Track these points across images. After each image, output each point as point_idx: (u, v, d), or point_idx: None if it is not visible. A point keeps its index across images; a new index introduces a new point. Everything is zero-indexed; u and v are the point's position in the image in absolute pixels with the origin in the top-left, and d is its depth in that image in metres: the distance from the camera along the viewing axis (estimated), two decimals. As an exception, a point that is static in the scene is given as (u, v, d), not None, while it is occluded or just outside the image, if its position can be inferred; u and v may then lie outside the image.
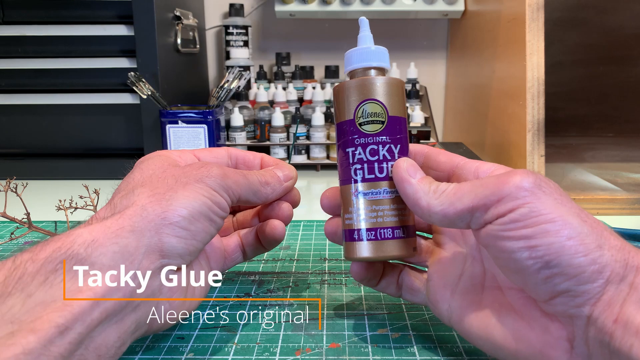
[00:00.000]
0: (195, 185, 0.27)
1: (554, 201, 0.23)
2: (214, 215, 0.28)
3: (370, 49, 0.34)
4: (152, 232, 0.25)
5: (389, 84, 0.31)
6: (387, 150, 0.30)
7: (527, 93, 0.60)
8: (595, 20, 0.90)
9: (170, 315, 0.27)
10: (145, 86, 0.69)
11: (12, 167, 0.76)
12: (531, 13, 0.60)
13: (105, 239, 0.24)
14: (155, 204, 0.26)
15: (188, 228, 0.26)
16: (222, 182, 0.29)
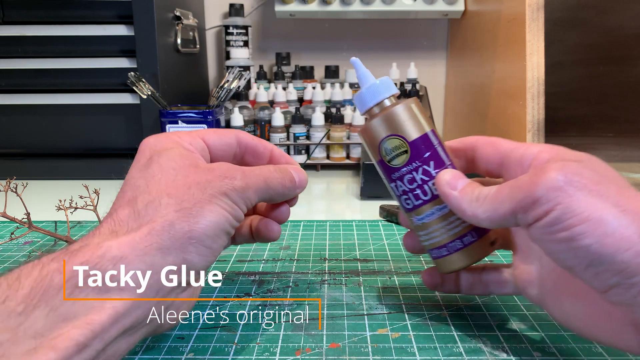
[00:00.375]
0: (220, 199, 0.27)
1: (588, 195, 0.23)
2: (232, 228, 0.28)
3: (369, 88, 0.33)
4: (178, 251, 0.25)
5: (397, 113, 0.31)
6: (423, 173, 0.31)
7: (527, 93, 0.60)
8: (595, 20, 0.90)
9: (171, 316, 0.27)
10: (145, 86, 0.69)
11: (12, 167, 0.76)
12: (531, 13, 0.60)
13: (134, 256, 0.24)
14: (182, 220, 0.25)
15: (210, 246, 0.26)
16: (244, 194, 0.28)
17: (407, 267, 0.42)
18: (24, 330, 0.20)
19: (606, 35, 0.91)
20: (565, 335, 0.31)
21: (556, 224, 0.23)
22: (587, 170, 0.24)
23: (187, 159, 0.29)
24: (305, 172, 0.35)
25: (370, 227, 0.53)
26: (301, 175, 0.34)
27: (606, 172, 0.25)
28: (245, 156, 0.34)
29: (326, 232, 0.51)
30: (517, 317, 0.34)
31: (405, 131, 0.31)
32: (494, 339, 0.31)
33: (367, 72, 0.34)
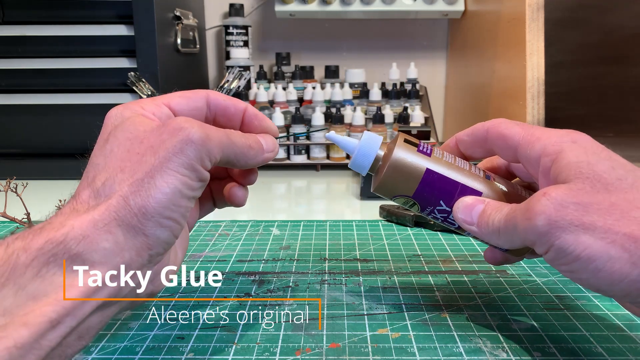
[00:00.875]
0: (173, 161, 0.25)
1: (574, 232, 0.24)
2: (194, 191, 0.26)
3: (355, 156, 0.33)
4: (138, 228, 0.24)
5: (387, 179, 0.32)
6: (439, 212, 0.32)
7: (527, 93, 0.60)
8: (595, 20, 0.90)
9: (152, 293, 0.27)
10: (145, 86, 0.69)
11: (12, 167, 0.76)
12: (531, 13, 0.60)
13: (96, 235, 0.23)
14: (135, 194, 0.24)
15: (170, 216, 0.25)
16: (203, 148, 0.26)
17: (407, 267, 0.42)
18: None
19: (606, 35, 0.91)
20: (565, 335, 0.31)
21: (556, 260, 0.25)
22: (572, 199, 0.24)
23: (145, 125, 0.27)
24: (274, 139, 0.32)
25: (370, 227, 0.53)
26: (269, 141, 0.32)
27: (599, 179, 0.25)
28: (217, 118, 0.32)
29: (326, 232, 0.51)
30: (517, 317, 0.34)
31: (403, 190, 0.32)
32: (494, 339, 0.31)
33: (345, 140, 0.34)
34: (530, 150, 0.28)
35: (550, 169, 0.27)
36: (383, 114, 0.83)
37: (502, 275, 0.41)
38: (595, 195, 0.24)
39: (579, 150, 0.26)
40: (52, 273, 0.22)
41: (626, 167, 0.25)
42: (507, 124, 0.30)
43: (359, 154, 0.33)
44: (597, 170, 0.25)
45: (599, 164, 0.25)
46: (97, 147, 0.27)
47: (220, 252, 0.46)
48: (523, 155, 0.29)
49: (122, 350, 0.30)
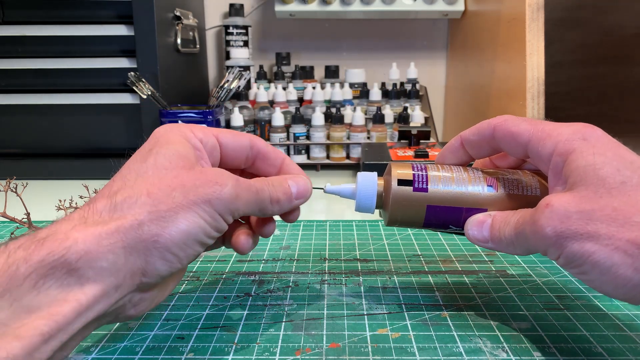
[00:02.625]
0: (200, 207, 0.26)
1: (579, 241, 0.25)
2: (209, 238, 0.27)
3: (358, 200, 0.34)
4: (142, 253, 0.24)
5: (395, 214, 0.33)
6: (454, 232, 0.33)
7: (527, 93, 0.60)
8: (595, 20, 0.90)
9: (133, 310, 0.27)
10: (145, 86, 0.69)
11: (12, 167, 0.76)
12: (531, 13, 0.60)
13: (98, 252, 0.23)
14: (152, 222, 0.25)
15: (177, 254, 0.25)
16: (230, 206, 0.27)
17: (407, 267, 0.42)
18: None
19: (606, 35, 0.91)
20: (565, 335, 0.31)
21: (566, 265, 0.26)
22: (576, 208, 0.25)
23: (185, 160, 0.27)
24: (309, 183, 0.33)
25: (370, 227, 0.53)
26: (301, 185, 0.32)
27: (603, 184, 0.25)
28: (257, 162, 0.33)
29: (326, 232, 0.51)
30: (517, 317, 0.34)
31: (412, 222, 0.33)
32: (494, 339, 0.31)
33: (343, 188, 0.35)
34: (541, 148, 0.28)
35: (562, 170, 0.27)
36: (383, 114, 0.83)
37: (502, 275, 0.41)
38: (598, 201, 0.25)
39: (588, 151, 0.26)
40: (47, 286, 0.22)
41: (633, 166, 0.25)
42: (515, 121, 0.30)
43: (360, 198, 0.34)
44: (602, 175, 0.25)
45: (604, 167, 0.25)
46: (133, 161, 0.28)
47: (220, 252, 0.46)
48: (534, 152, 0.29)
49: (122, 350, 0.30)
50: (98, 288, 0.23)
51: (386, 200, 0.33)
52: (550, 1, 0.60)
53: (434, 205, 0.32)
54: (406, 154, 0.68)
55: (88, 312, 0.23)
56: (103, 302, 0.23)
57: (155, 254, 0.25)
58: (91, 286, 0.23)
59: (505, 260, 0.43)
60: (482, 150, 0.33)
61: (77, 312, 0.22)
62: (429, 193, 0.32)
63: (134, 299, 0.26)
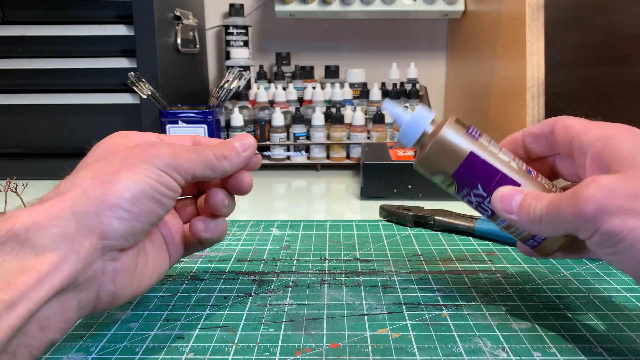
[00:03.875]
0: (141, 166, 0.27)
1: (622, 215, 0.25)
2: (162, 196, 0.27)
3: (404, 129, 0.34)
4: (93, 215, 0.25)
5: (433, 152, 0.32)
6: (475, 196, 0.32)
7: (527, 93, 0.60)
8: (595, 20, 0.90)
9: (115, 296, 0.27)
10: (145, 86, 0.69)
11: (12, 167, 0.76)
12: (531, 13, 0.60)
13: (45, 220, 0.24)
14: (97, 185, 0.26)
15: (130, 210, 0.26)
16: (171, 161, 0.28)
17: (407, 267, 0.42)
18: None
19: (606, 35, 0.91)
20: (565, 335, 0.31)
21: (600, 244, 0.26)
22: (623, 186, 0.25)
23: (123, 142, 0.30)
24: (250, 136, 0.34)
25: (370, 227, 0.53)
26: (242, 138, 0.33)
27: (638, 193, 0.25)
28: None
29: (326, 232, 0.51)
30: (517, 317, 0.34)
31: (444, 167, 0.32)
32: (494, 339, 0.31)
33: (399, 110, 0.34)
34: (586, 136, 0.29)
35: (602, 154, 0.28)
36: (383, 114, 0.83)
37: (502, 275, 0.41)
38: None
39: (633, 139, 0.27)
40: (2, 261, 0.22)
41: None
42: (574, 118, 0.32)
43: (408, 125, 0.33)
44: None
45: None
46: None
47: (220, 252, 0.46)
48: (578, 141, 0.30)
49: (122, 350, 0.30)
50: (54, 255, 0.23)
51: (432, 136, 0.33)
52: (550, 1, 0.60)
53: (475, 155, 0.32)
54: (406, 154, 0.68)
55: (50, 279, 0.23)
56: (64, 269, 0.23)
57: (108, 213, 0.25)
58: (47, 254, 0.23)
59: (505, 260, 0.43)
60: (540, 145, 0.34)
61: (36, 280, 0.22)
62: (478, 142, 0.32)
63: (107, 269, 0.26)
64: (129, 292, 0.28)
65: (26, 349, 0.23)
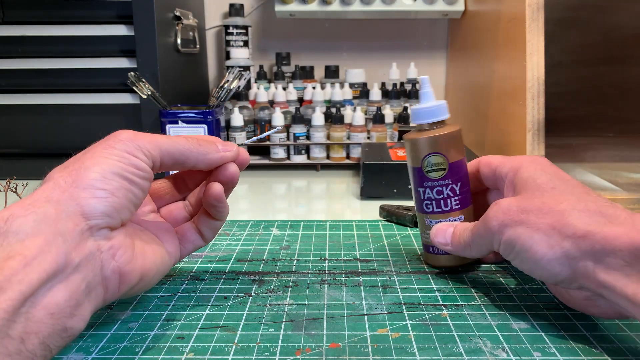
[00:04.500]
0: (102, 152, 0.28)
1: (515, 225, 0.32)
2: (131, 174, 0.28)
3: (431, 107, 0.40)
4: (68, 200, 0.26)
5: (448, 137, 0.39)
6: (450, 190, 0.39)
7: (527, 93, 0.60)
8: (595, 20, 0.90)
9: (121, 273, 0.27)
10: (145, 86, 0.69)
11: (12, 167, 0.76)
12: (531, 13, 0.60)
13: (22, 210, 0.24)
14: (66, 176, 0.27)
15: (104, 188, 0.27)
16: (132, 144, 0.29)
17: (407, 267, 0.42)
18: None
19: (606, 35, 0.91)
20: (565, 335, 0.31)
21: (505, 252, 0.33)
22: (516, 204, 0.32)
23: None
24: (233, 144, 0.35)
25: (370, 227, 0.53)
26: (227, 143, 0.34)
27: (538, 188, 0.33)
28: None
29: (326, 232, 0.51)
30: (517, 317, 0.34)
31: (450, 153, 0.39)
32: (494, 339, 0.31)
33: (431, 92, 0.40)
34: (502, 169, 0.37)
35: (511, 181, 0.35)
36: (383, 114, 0.83)
37: (502, 275, 0.41)
38: (533, 200, 0.32)
39: (532, 167, 0.35)
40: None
41: (562, 179, 0.33)
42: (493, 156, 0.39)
43: (439, 107, 0.39)
44: (539, 183, 0.33)
45: (541, 177, 0.33)
46: None
47: (220, 252, 0.46)
48: (498, 173, 0.37)
49: (122, 350, 0.30)
50: (39, 239, 0.24)
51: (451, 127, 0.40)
52: (550, 1, 0.60)
53: (465, 159, 0.40)
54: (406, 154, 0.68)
55: (39, 262, 0.23)
56: (52, 251, 0.24)
57: (83, 195, 0.26)
58: (31, 239, 0.23)
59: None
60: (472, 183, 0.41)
61: (24, 264, 0.23)
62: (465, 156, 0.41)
63: (103, 247, 0.27)
64: (135, 268, 0.28)
65: (37, 337, 0.22)
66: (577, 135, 0.90)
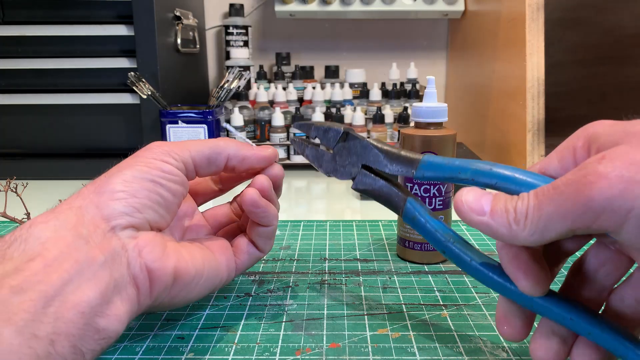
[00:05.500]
0: (129, 161, 0.29)
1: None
2: (156, 177, 0.28)
3: (433, 108, 0.42)
4: (89, 205, 0.26)
5: (444, 139, 0.41)
6: (437, 189, 0.41)
7: (527, 93, 0.60)
8: (595, 20, 0.90)
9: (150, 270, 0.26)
10: (145, 86, 0.69)
11: (12, 167, 0.76)
12: (531, 13, 0.60)
13: (44, 217, 0.25)
14: (89, 185, 0.27)
15: (124, 190, 0.27)
16: (159, 149, 0.30)
17: (407, 267, 0.42)
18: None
19: (606, 35, 0.91)
20: (565, 335, 0.31)
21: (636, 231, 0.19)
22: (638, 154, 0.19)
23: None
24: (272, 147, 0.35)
25: (370, 227, 0.53)
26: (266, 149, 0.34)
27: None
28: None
29: (326, 232, 0.51)
30: (517, 317, 0.34)
31: (443, 154, 0.38)
32: (494, 339, 0.31)
33: (434, 93, 0.43)
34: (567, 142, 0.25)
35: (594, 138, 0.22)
36: (383, 114, 0.83)
37: (502, 275, 0.41)
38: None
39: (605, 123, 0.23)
40: (9, 257, 0.23)
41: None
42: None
43: (443, 109, 0.41)
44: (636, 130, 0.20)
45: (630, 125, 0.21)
46: None
47: (220, 252, 0.46)
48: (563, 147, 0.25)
49: (122, 350, 0.30)
50: (60, 241, 0.24)
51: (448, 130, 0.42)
52: (550, 1, 0.60)
53: None
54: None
55: (60, 263, 0.23)
56: (73, 252, 0.24)
57: (103, 198, 0.26)
58: (52, 242, 0.24)
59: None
60: None
61: (44, 264, 0.22)
62: None
63: (129, 245, 0.26)
64: (165, 266, 0.27)
65: (67, 339, 0.22)
66: (577, 135, 0.90)
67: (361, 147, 0.32)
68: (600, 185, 0.19)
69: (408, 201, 0.30)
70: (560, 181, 0.21)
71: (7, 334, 0.20)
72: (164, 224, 0.29)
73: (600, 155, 0.20)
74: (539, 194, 0.22)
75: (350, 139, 0.33)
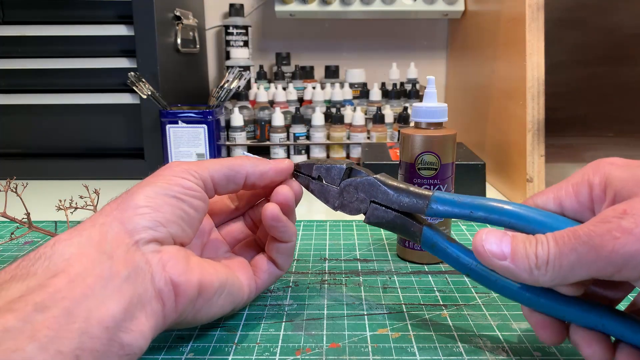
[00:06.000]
0: (150, 180, 0.29)
1: None
2: (178, 193, 0.29)
3: (433, 108, 0.42)
4: (112, 222, 0.26)
5: (444, 139, 0.41)
6: (437, 189, 0.40)
7: (527, 93, 0.60)
8: (595, 20, 0.90)
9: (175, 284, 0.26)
10: (145, 86, 0.69)
11: (12, 167, 0.76)
12: (531, 13, 0.60)
13: (67, 235, 0.25)
14: (112, 203, 0.28)
15: (146, 205, 0.27)
16: (178, 168, 0.30)
17: (407, 267, 0.42)
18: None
19: (606, 35, 0.91)
20: (565, 335, 0.31)
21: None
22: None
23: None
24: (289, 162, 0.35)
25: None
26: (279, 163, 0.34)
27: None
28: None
29: (326, 232, 0.51)
30: (517, 317, 0.34)
31: (443, 154, 0.41)
32: (494, 339, 0.31)
33: (435, 93, 0.43)
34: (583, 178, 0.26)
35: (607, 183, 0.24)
36: (383, 114, 0.83)
37: (502, 275, 0.41)
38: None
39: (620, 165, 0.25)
40: (33, 272, 0.23)
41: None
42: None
43: (443, 109, 0.42)
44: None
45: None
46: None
47: (220, 252, 0.46)
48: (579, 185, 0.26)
49: (122, 350, 0.30)
50: (83, 258, 0.24)
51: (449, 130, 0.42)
52: (550, 1, 0.60)
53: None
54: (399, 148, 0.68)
55: (82, 279, 0.23)
56: (96, 268, 0.24)
57: (126, 214, 0.26)
58: (76, 258, 0.24)
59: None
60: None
61: (67, 280, 0.23)
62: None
63: (152, 260, 0.26)
64: (190, 279, 0.27)
65: (92, 355, 0.22)
66: (577, 135, 0.90)
67: (369, 185, 0.33)
68: (624, 241, 0.20)
69: (424, 229, 0.31)
70: (582, 231, 0.22)
71: (31, 350, 0.20)
72: (186, 239, 0.29)
73: (621, 210, 0.21)
74: (559, 240, 0.23)
75: (354, 174, 0.34)
